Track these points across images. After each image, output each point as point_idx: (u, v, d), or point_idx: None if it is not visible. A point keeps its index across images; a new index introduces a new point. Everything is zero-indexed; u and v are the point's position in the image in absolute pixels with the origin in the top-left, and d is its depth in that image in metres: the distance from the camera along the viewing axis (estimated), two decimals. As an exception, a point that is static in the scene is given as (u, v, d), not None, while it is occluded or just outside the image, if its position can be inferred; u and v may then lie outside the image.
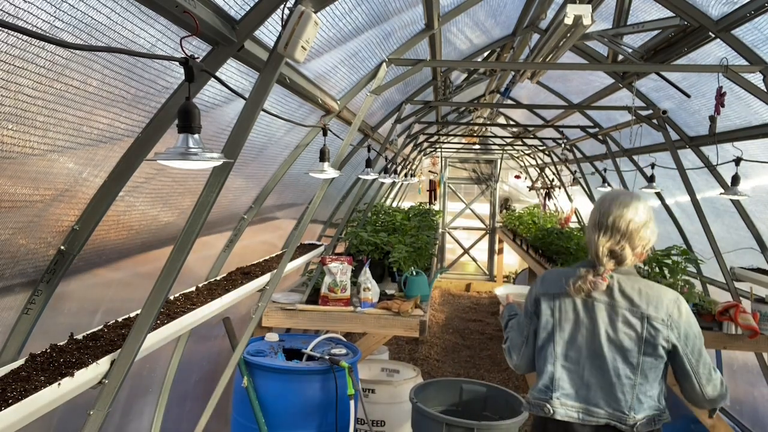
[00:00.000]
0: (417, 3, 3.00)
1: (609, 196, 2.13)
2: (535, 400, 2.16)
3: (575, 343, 2.11)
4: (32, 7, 1.22)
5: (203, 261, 3.32)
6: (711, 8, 3.06)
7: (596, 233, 2.08)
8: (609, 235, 2.05)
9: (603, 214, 2.07)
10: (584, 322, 2.10)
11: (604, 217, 2.07)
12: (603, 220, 2.07)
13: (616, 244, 2.05)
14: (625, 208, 2.04)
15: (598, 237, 2.07)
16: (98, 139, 1.75)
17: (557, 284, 2.15)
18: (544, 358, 2.16)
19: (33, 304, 1.85)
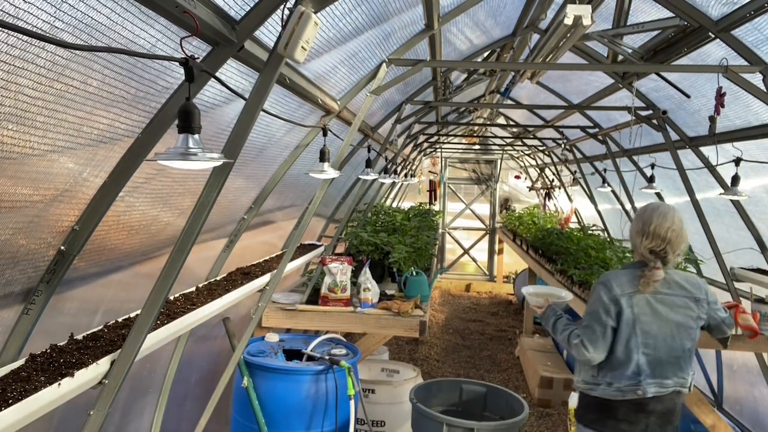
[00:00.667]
0: (417, 3, 3.00)
1: (650, 208, 2.64)
2: (626, 387, 2.54)
3: (651, 331, 2.54)
4: (32, 7, 1.22)
5: (203, 261, 3.32)
6: (711, 8, 3.06)
7: (640, 238, 2.59)
8: (650, 239, 2.56)
9: (645, 223, 2.58)
10: (657, 312, 2.55)
11: (646, 225, 2.57)
12: (645, 228, 2.57)
13: (658, 246, 2.55)
14: (663, 218, 2.56)
15: (641, 241, 2.59)
16: (98, 140, 1.75)
17: (630, 284, 2.56)
18: (629, 350, 2.54)
19: (33, 304, 1.85)
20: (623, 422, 2.56)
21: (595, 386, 2.61)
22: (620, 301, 2.54)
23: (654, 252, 2.56)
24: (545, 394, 5.85)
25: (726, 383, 5.22)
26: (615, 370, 2.58)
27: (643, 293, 2.55)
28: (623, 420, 2.56)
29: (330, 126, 3.20)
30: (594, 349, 2.56)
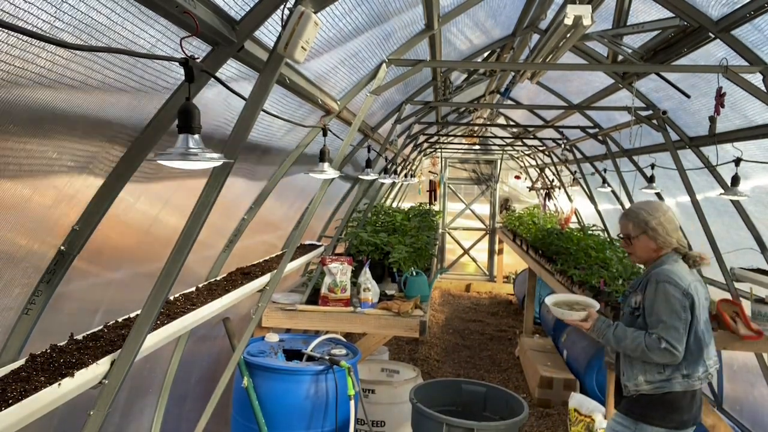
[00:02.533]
0: (417, 3, 3.00)
1: (662, 205, 2.80)
2: (702, 375, 2.63)
3: (704, 316, 2.67)
4: (32, 7, 1.22)
5: (203, 261, 3.32)
6: (711, 9, 3.06)
7: (676, 232, 2.73)
8: (678, 231, 2.76)
9: (673, 218, 2.76)
10: (704, 296, 2.69)
11: (674, 219, 2.76)
12: (676, 222, 2.76)
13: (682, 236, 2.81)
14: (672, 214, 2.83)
15: (676, 235, 2.73)
16: (98, 140, 1.75)
17: (687, 274, 2.66)
18: (699, 338, 2.61)
19: (33, 304, 1.85)
20: (685, 413, 2.61)
21: (667, 383, 2.60)
22: (690, 292, 2.58)
23: (682, 240, 2.76)
24: (545, 394, 5.86)
25: (726, 383, 5.22)
26: (690, 362, 2.60)
27: (699, 280, 2.68)
28: (686, 410, 2.61)
29: (330, 126, 3.20)
30: (681, 348, 2.54)
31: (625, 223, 2.79)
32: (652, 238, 2.70)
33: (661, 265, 2.68)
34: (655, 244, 2.70)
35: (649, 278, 2.65)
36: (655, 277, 2.62)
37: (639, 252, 2.76)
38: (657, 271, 2.64)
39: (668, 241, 2.69)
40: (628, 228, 2.77)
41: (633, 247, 2.77)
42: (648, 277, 2.68)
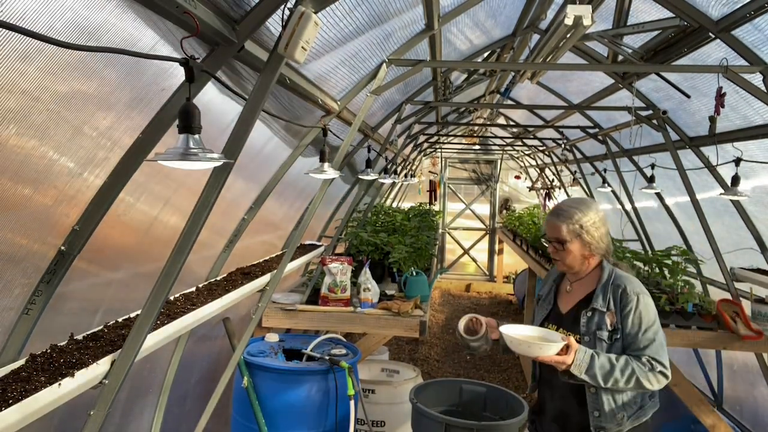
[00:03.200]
0: (417, 3, 3.00)
1: (597, 204, 2.48)
2: (658, 393, 2.37)
3: None
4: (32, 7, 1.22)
5: (203, 261, 3.32)
6: (711, 9, 3.06)
7: (608, 237, 2.41)
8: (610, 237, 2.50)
9: (606, 221, 2.41)
10: None
11: (607, 222, 2.43)
12: (608, 225, 2.43)
13: None
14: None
15: (609, 239, 2.42)
16: (98, 140, 1.75)
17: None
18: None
19: (33, 304, 1.85)
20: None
21: (641, 411, 2.27)
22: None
23: (611, 247, 2.42)
24: (545, 394, 5.84)
25: (726, 383, 5.22)
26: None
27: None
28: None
29: (330, 126, 3.19)
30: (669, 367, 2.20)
31: (555, 225, 2.30)
32: (587, 243, 2.29)
33: (615, 274, 2.30)
34: (588, 250, 2.30)
35: (622, 293, 2.22)
36: (632, 289, 2.22)
37: (569, 260, 2.31)
38: (627, 281, 2.25)
39: (601, 248, 2.32)
40: (560, 231, 2.29)
41: (563, 253, 2.31)
42: (616, 291, 2.23)
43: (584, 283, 2.38)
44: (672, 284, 4.07)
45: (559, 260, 2.35)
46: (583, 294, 2.35)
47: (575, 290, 2.40)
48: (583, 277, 2.38)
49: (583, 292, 2.35)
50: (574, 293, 2.39)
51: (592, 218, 2.30)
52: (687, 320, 3.67)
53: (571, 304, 2.37)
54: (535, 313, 2.55)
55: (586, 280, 2.37)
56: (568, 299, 2.40)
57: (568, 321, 2.34)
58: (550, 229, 2.34)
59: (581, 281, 2.39)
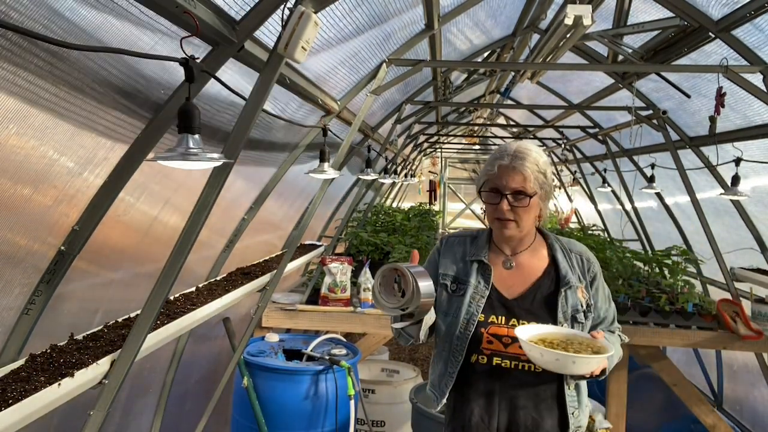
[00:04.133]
0: (417, 3, 3.00)
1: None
2: None
3: None
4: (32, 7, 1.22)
5: (203, 261, 3.32)
6: (711, 8, 3.06)
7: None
8: None
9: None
10: None
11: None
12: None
13: None
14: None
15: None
16: (98, 139, 1.75)
17: None
18: None
19: (33, 304, 1.85)
20: None
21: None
22: None
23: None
24: (545, 394, 5.84)
25: (726, 383, 5.22)
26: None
27: None
28: None
29: (330, 126, 3.19)
30: None
31: (519, 172, 1.74)
32: (546, 196, 1.83)
33: (559, 238, 1.94)
34: (543, 206, 1.84)
35: (585, 261, 1.89)
36: (589, 255, 1.92)
37: (527, 221, 1.79)
38: (579, 245, 1.93)
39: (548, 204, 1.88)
40: (525, 180, 1.75)
41: (523, 211, 1.77)
42: (579, 260, 1.88)
43: (531, 254, 1.87)
44: (672, 284, 4.06)
45: (513, 221, 1.77)
46: (537, 269, 1.85)
47: (522, 266, 1.86)
48: (527, 247, 1.87)
49: (536, 267, 1.86)
50: (520, 270, 1.85)
51: (547, 162, 1.83)
52: (687, 320, 3.67)
53: (525, 285, 1.83)
54: (450, 304, 1.83)
55: (531, 251, 1.87)
56: (515, 280, 1.84)
57: (524, 308, 1.80)
58: (509, 177, 1.75)
59: (526, 252, 1.87)
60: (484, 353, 1.80)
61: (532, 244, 1.88)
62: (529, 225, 1.81)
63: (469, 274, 1.84)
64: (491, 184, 1.79)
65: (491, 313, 1.80)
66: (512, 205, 1.76)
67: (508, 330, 1.78)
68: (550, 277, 1.84)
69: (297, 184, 4.23)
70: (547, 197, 1.83)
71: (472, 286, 1.83)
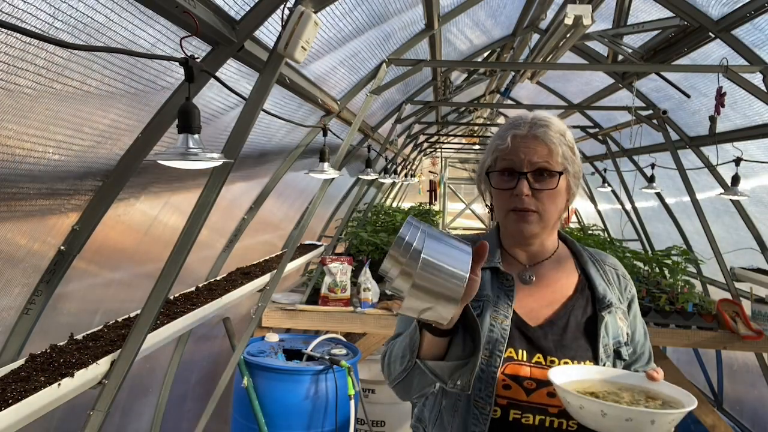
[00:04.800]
0: (417, 3, 3.00)
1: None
2: None
3: None
4: (31, 7, 1.22)
5: (203, 261, 3.32)
6: (711, 8, 3.06)
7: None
8: None
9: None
10: None
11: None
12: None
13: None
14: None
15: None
16: (98, 139, 1.75)
17: None
18: None
19: (33, 304, 1.85)
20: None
21: None
22: None
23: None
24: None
25: (726, 383, 5.22)
26: None
27: None
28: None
29: (330, 126, 3.19)
30: None
31: (547, 143, 1.29)
32: (574, 181, 1.36)
33: (588, 250, 1.46)
34: (571, 194, 1.37)
35: (620, 277, 1.44)
36: (627, 276, 1.46)
37: (553, 212, 1.32)
38: (610, 257, 1.48)
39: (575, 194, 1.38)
40: (552, 154, 1.30)
41: (548, 197, 1.30)
42: (612, 275, 1.42)
43: (556, 266, 1.39)
44: (672, 284, 4.06)
45: (535, 213, 1.29)
46: (566, 286, 1.37)
47: (545, 280, 1.37)
48: (551, 255, 1.39)
49: (564, 283, 1.37)
50: (544, 286, 1.36)
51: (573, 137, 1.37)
52: (687, 320, 3.67)
53: (552, 307, 1.34)
54: (456, 340, 1.17)
55: (555, 261, 1.39)
56: (538, 300, 1.35)
57: (553, 339, 1.30)
58: (530, 149, 1.28)
59: (549, 262, 1.38)
60: (497, 403, 1.26)
61: (557, 251, 1.39)
62: (555, 219, 1.33)
63: (483, 286, 1.31)
64: (504, 163, 1.30)
65: (509, 344, 1.28)
66: (534, 188, 1.27)
67: (531, 370, 1.26)
68: (584, 296, 1.35)
69: (297, 184, 4.23)
70: (576, 183, 1.34)
71: (491, 300, 1.31)
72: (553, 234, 1.39)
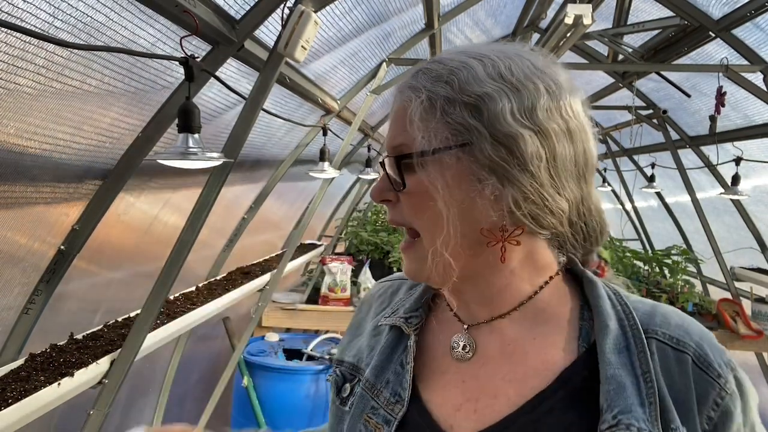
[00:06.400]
0: (417, 3, 3.00)
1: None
2: None
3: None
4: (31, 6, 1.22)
5: (203, 260, 3.32)
6: (711, 8, 3.06)
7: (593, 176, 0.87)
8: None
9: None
10: None
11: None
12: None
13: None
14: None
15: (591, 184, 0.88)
16: (98, 139, 1.75)
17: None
18: None
19: (33, 304, 1.85)
20: None
21: None
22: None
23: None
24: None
25: (726, 383, 5.21)
26: None
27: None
28: None
29: (330, 125, 3.19)
30: None
31: (406, 109, 0.71)
32: (503, 172, 0.68)
33: (625, 302, 0.74)
34: (498, 205, 0.69)
35: (690, 376, 0.71)
36: (719, 369, 0.75)
37: (427, 229, 0.73)
38: (694, 338, 0.73)
39: (557, 203, 0.70)
40: (411, 125, 0.70)
41: (408, 203, 0.73)
42: (667, 361, 0.70)
43: (532, 325, 0.75)
44: (672, 284, 4.07)
45: (408, 228, 0.77)
46: (543, 365, 0.72)
47: (501, 349, 0.75)
48: (518, 306, 0.75)
49: (542, 359, 0.73)
50: (494, 363, 0.75)
51: (518, 67, 0.71)
52: (687, 320, 3.67)
53: (508, 401, 0.71)
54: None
55: (532, 317, 0.75)
56: (473, 388, 0.74)
57: None
58: (392, 122, 0.76)
59: (512, 319, 0.76)
60: None
61: (536, 297, 0.75)
62: (455, 246, 0.71)
63: (371, 357, 0.82)
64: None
65: None
66: (393, 182, 0.74)
67: None
68: (575, 395, 0.70)
69: (297, 184, 4.22)
70: (524, 160, 0.68)
71: (371, 388, 0.79)
72: (506, 269, 0.73)
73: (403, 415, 0.73)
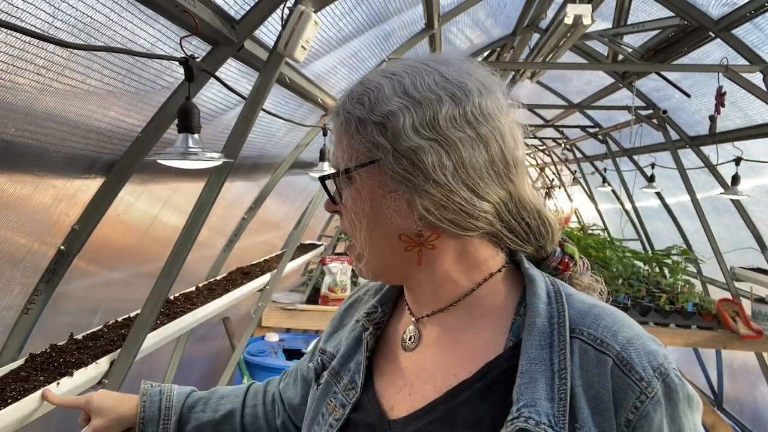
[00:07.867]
0: (417, 3, 3.00)
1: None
2: None
3: None
4: (31, 6, 1.22)
5: (203, 261, 3.32)
6: (711, 8, 3.06)
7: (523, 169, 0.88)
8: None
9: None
10: None
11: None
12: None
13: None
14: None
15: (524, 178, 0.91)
16: (98, 139, 1.75)
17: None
18: None
19: (33, 304, 1.85)
20: None
21: None
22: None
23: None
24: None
25: (726, 383, 5.22)
26: None
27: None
28: None
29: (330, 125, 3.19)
30: None
31: (336, 135, 0.84)
32: (403, 180, 0.74)
33: (566, 294, 0.76)
34: (402, 199, 0.75)
35: (611, 379, 0.69)
36: (646, 360, 0.70)
37: (357, 235, 0.83)
38: (616, 322, 0.73)
39: (460, 198, 0.73)
40: (339, 147, 0.82)
41: (343, 212, 0.83)
42: (586, 359, 0.71)
43: (463, 315, 0.80)
44: (672, 284, 4.07)
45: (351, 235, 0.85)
46: (470, 357, 0.77)
47: (438, 339, 0.82)
48: (456, 302, 0.80)
49: (470, 350, 0.78)
50: (433, 353, 0.81)
51: (415, 85, 0.75)
52: (687, 320, 3.67)
53: (434, 389, 0.78)
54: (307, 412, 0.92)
55: (467, 311, 0.80)
56: (412, 373, 0.82)
57: None
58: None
59: (450, 313, 0.81)
60: None
61: (472, 294, 0.79)
62: (375, 248, 0.80)
63: (349, 349, 0.91)
64: None
65: None
66: (332, 197, 0.85)
67: None
68: (493, 386, 0.74)
69: (297, 184, 4.22)
70: (420, 170, 0.72)
71: (333, 372, 0.89)
72: (407, 260, 0.78)
73: (357, 400, 0.83)
